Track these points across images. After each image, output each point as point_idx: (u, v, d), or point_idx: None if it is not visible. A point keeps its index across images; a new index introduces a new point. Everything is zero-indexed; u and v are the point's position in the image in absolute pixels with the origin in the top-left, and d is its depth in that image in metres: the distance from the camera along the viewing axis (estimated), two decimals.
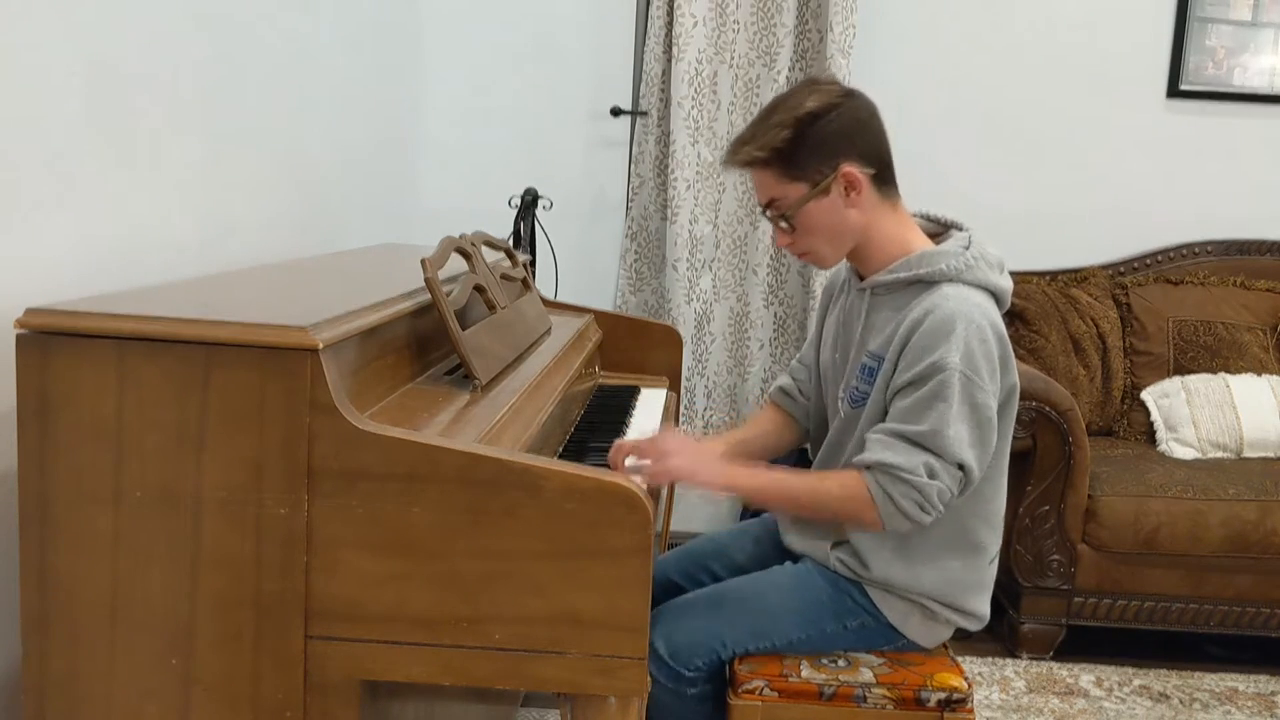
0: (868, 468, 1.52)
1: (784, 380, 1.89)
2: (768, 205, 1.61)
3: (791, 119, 1.54)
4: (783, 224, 1.60)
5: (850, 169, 1.55)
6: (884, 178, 1.60)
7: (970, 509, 1.62)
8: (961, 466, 1.50)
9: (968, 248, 1.59)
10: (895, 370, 1.55)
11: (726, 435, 1.88)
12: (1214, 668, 2.75)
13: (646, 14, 3.27)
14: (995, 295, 1.59)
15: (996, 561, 1.71)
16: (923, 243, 1.63)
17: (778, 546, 1.81)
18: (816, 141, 1.54)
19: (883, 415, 1.57)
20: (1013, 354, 1.59)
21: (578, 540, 1.19)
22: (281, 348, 1.16)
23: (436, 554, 1.19)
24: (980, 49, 3.38)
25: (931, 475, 1.49)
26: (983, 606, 1.68)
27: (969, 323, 1.50)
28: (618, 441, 1.63)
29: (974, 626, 1.69)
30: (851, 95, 1.58)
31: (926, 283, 1.57)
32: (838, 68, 3.15)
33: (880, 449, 1.51)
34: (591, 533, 1.18)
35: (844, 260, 1.68)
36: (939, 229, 1.72)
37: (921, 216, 1.71)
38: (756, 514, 2.92)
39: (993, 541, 1.67)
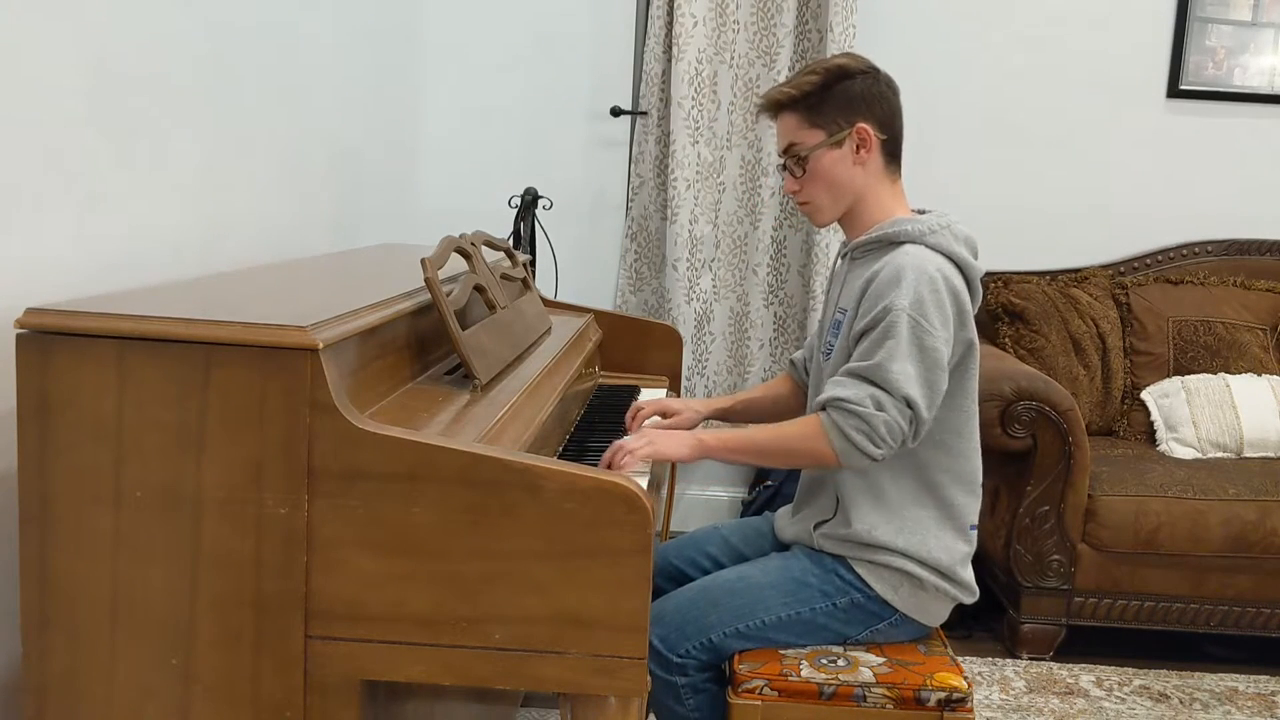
0: (823, 407, 1.59)
1: (798, 353, 2.01)
2: (785, 150, 1.72)
3: (823, 69, 1.69)
4: (796, 169, 1.71)
5: (865, 127, 1.67)
6: (893, 151, 1.72)
7: (938, 463, 1.67)
8: (909, 403, 1.55)
9: (939, 221, 1.68)
10: (856, 320, 1.64)
11: (738, 394, 2.05)
12: (1214, 668, 2.74)
13: (646, 14, 3.27)
14: (959, 266, 1.65)
15: (975, 534, 1.74)
16: (905, 215, 1.72)
17: (777, 538, 1.86)
18: (841, 95, 1.68)
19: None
20: (971, 315, 1.65)
21: (578, 540, 1.19)
22: (281, 347, 1.16)
23: (436, 554, 1.19)
24: (980, 49, 3.38)
25: (879, 407, 1.55)
26: (968, 575, 1.71)
27: (919, 273, 1.59)
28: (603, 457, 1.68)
29: (965, 598, 1.72)
30: (879, 72, 1.71)
31: (892, 243, 1.66)
32: None
33: (833, 387, 1.59)
34: (591, 533, 1.19)
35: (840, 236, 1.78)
36: None
37: (916, 211, 1.77)
38: (759, 511, 2.93)
39: (967, 504, 1.70)
